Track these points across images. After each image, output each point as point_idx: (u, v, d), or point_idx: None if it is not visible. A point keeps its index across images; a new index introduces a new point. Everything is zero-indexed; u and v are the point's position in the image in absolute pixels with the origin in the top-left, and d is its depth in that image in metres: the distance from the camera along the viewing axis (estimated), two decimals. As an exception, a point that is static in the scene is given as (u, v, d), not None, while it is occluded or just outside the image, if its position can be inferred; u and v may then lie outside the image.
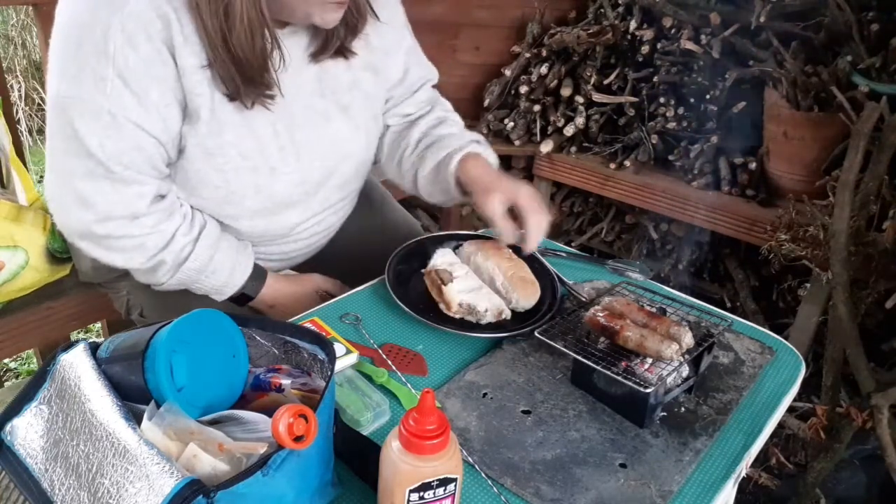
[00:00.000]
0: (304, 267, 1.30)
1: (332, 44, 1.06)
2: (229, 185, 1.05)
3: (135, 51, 0.91)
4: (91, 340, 0.74)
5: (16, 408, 0.70)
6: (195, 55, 0.94)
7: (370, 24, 1.09)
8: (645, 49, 2.24)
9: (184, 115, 0.99)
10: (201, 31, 0.92)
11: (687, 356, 0.87)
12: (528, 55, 2.45)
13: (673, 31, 2.23)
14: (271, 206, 1.11)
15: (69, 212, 1.01)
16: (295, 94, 1.06)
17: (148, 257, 1.04)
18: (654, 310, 0.94)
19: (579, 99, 2.32)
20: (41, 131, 3.74)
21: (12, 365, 2.37)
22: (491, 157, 1.21)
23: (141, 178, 0.99)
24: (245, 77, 0.96)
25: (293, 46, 1.04)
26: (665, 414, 0.88)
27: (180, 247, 1.05)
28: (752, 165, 2.00)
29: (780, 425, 1.69)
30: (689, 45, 2.14)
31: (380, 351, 0.97)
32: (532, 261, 1.14)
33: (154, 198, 1.02)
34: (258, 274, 1.15)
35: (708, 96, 2.09)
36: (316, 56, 1.06)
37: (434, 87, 1.32)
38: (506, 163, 2.39)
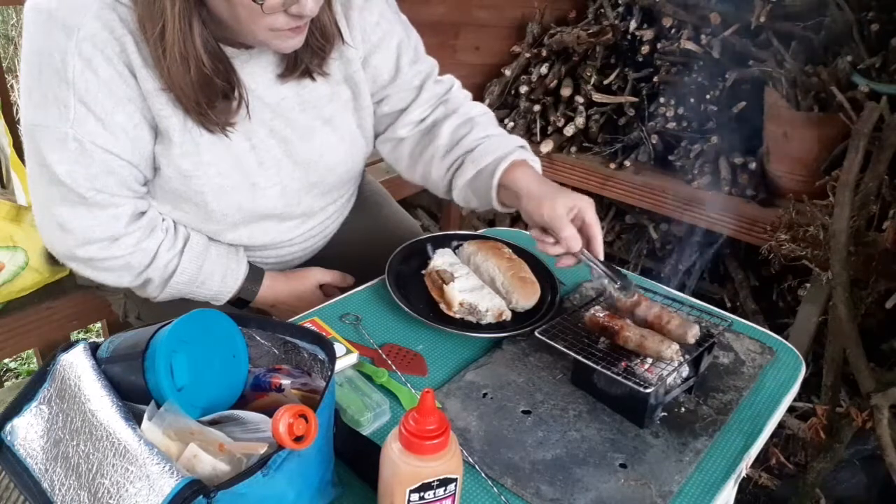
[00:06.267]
0: (303, 267, 1.30)
1: (298, 67, 1.03)
2: (209, 205, 1.04)
3: (95, 74, 0.89)
4: (91, 340, 0.74)
5: (16, 408, 0.70)
6: (155, 79, 0.92)
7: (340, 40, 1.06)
8: (645, 49, 2.24)
9: (155, 134, 0.98)
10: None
11: (687, 356, 0.87)
12: (528, 55, 2.45)
13: (673, 31, 2.23)
14: (253, 219, 1.10)
15: (52, 236, 1.01)
16: (274, 109, 1.04)
17: (135, 275, 1.04)
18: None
19: (579, 99, 2.32)
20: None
21: (12, 365, 2.37)
22: (536, 163, 1.13)
23: (116, 201, 0.98)
24: (190, 108, 0.94)
25: (264, 65, 1.02)
26: (665, 414, 0.88)
27: (165, 262, 1.05)
28: (752, 165, 2.00)
29: (780, 425, 1.69)
30: (689, 45, 2.14)
31: (380, 351, 0.97)
32: (532, 261, 1.14)
33: (132, 217, 1.01)
34: (254, 276, 1.15)
35: (708, 96, 2.09)
36: (283, 77, 1.04)
37: (441, 77, 1.24)
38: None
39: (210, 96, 0.95)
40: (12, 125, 1.46)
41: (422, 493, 0.64)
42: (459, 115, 1.18)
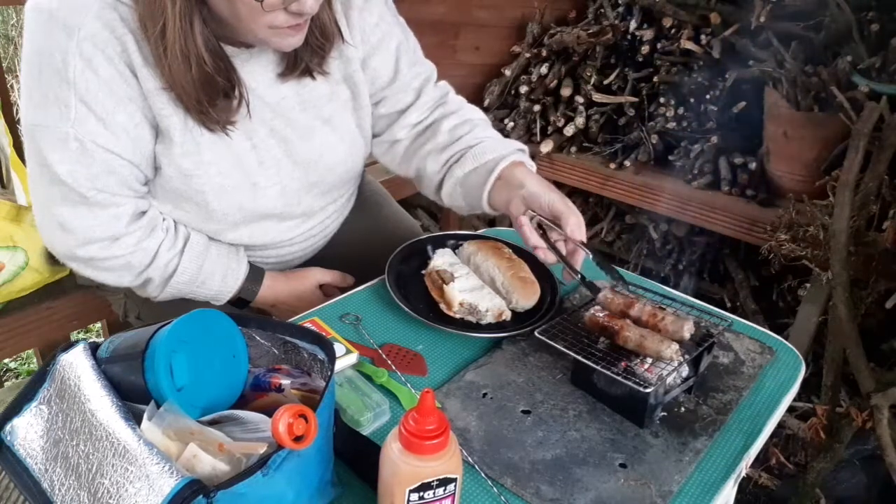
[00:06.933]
0: (303, 266, 1.30)
1: (298, 66, 1.03)
2: (209, 205, 1.04)
3: (95, 74, 0.89)
4: (91, 340, 0.74)
5: (16, 408, 0.70)
6: (156, 78, 0.92)
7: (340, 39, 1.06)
8: (645, 49, 2.24)
9: (156, 134, 0.98)
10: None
11: (687, 356, 0.87)
12: (528, 55, 2.45)
13: (673, 31, 2.23)
14: (253, 219, 1.10)
15: (53, 236, 1.01)
16: (274, 108, 1.05)
17: (136, 275, 1.04)
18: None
19: (579, 99, 2.32)
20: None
21: (12, 365, 2.37)
22: (533, 168, 1.14)
23: (117, 200, 0.98)
24: (191, 107, 0.94)
25: (265, 64, 1.02)
26: (665, 414, 0.88)
27: (165, 262, 1.05)
28: (752, 165, 2.00)
29: (780, 425, 1.69)
30: (689, 45, 2.14)
31: (380, 351, 0.97)
32: (532, 261, 1.14)
33: (132, 217, 1.01)
34: (254, 276, 1.15)
35: (708, 96, 2.09)
36: (283, 76, 1.04)
37: (437, 83, 1.25)
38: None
39: (211, 94, 0.95)
40: (12, 125, 1.46)
41: (421, 493, 0.64)
42: (459, 116, 1.20)
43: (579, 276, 1.00)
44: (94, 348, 0.73)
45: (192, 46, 0.89)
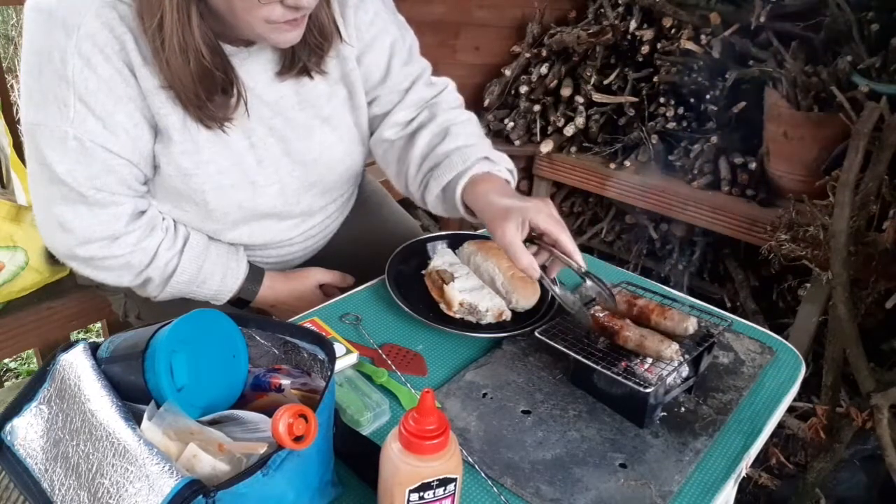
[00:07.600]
0: (303, 266, 1.29)
1: (296, 65, 1.03)
2: (209, 204, 1.04)
3: (94, 73, 0.89)
4: (91, 340, 0.74)
5: (16, 408, 0.70)
6: (155, 76, 0.92)
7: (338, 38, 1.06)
8: (645, 49, 2.24)
9: (155, 133, 0.98)
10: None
11: (687, 356, 0.87)
12: (528, 55, 2.45)
13: (673, 31, 2.23)
14: (253, 218, 1.10)
15: (53, 236, 1.01)
16: (272, 107, 1.04)
17: (135, 274, 1.04)
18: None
19: (579, 99, 2.32)
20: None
21: (12, 365, 2.37)
22: (503, 171, 1.11)
23: (116, 199, 0.98)
24: (189, 102, 0.94)
25: (263, 63, 1.02)
26: (665, 414, 0.88)
27: (164, 262, 1.05)
28: (752, 165, 2.00)
29: (780, 425, 1.69)
30: (689, 45, 2.14)
31: (380, 351, 0.97)
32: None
33: (132, 216, 1.01)
34: (254, 276, 1.14)
35: (708, 96, 2.09)
36: (281, 75, 1.04)
37: (434, 80, 1.22)
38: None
39: (209, 89, 0.95)
40: (12, 125, 1.46)
41: (421, 493, 0.64)
42: (437, 124, 1.15)
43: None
44: (94, 348, 0.73)
45: (190, 40, 0.89)
